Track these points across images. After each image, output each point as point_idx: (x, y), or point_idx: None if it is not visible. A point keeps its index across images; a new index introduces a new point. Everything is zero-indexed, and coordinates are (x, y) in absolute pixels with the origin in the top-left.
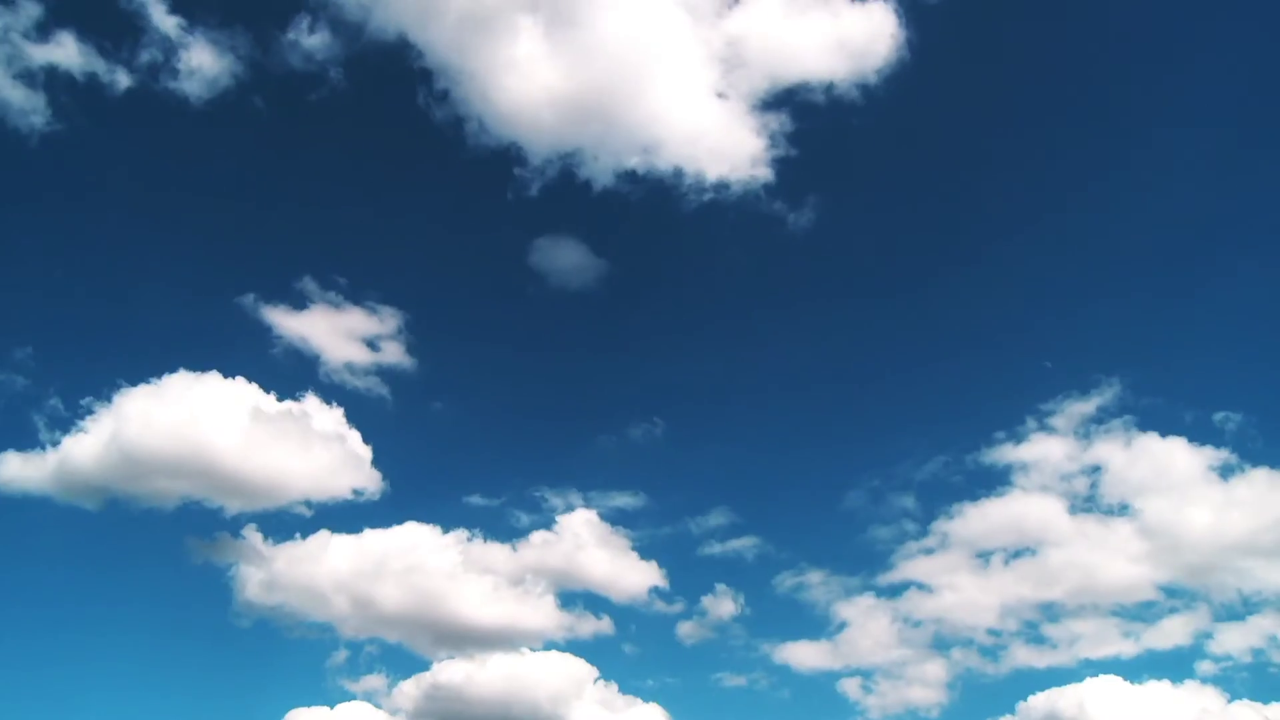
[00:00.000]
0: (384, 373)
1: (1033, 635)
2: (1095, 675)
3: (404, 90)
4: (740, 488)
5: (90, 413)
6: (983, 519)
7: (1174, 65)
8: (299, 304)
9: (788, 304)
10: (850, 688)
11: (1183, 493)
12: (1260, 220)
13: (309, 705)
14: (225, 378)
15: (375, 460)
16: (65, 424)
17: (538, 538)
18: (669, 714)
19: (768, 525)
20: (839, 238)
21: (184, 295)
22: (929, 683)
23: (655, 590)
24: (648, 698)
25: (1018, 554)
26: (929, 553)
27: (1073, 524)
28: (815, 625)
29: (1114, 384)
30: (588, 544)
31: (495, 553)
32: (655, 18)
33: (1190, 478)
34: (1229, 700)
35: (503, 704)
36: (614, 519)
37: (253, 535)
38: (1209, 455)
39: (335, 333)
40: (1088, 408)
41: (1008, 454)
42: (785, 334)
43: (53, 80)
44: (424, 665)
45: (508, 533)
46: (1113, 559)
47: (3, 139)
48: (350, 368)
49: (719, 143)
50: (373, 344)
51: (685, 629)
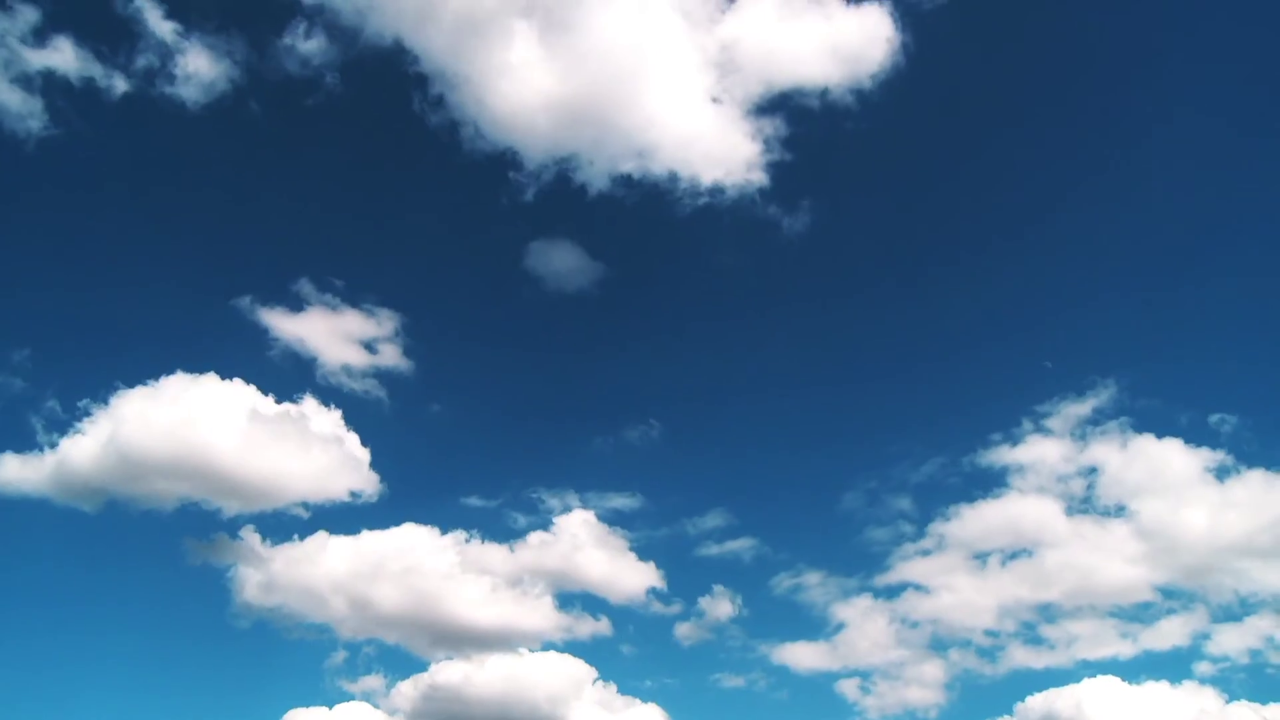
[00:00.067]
0: (381, 375)
1: (1030, 636)
2: (1093, 676)
3: (400, 95)
4: (737, 489)
5: (88, 415)
6: (979, 520)
7: (1166, 73)
8: (296, 306)
9: (783, 306)
10: (848, 688)
11: (1179, 494)
12: (1256, 222)
13: (307, 706)
14: (223, 379)
15: (373, 462)
16: (63, 426)
17: (535, 539)
18: (668, 714)
19: (765, 527)
20: (833, 241)
21: (181, 298)
22: (927, 683)
23: (653, 591)
24: (646, 698)
25: (1015, 555)
26: (926, 554)
27: (1069, 525)
28: (813, 626)
29: (1110, 386)
30: (585, 545)
31: (493, 554)
32: (650, 22)
33: (1186, 479)
34: (1227, 701)
35: (501, 704)
36: (611, 520)
37: (251, 536)
38: (1205, 457)
39: (332, 335)
40: (1084, 409)
41: (1004, 456)
42: (781, 336)
43: (50, 85)
44: (422, 666)
45: (505, 534)
46: (1110, 560)
47: (0, 143)
48: (347, 370)
49: (713, 147)
50: (370, 346)
51: (683, 630)
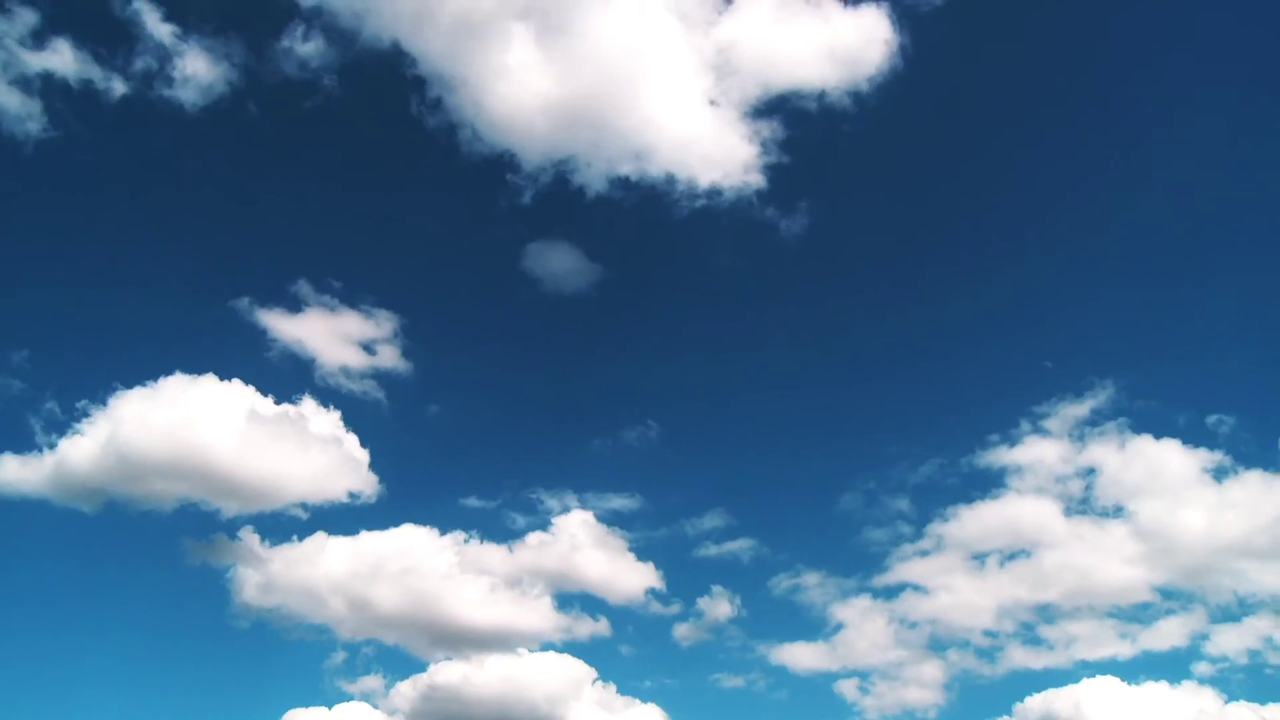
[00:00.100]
0: (380, 376)
1: (1029, 636)
2: (1092, 676)
3: (398, 97)
4: (736, 490)
5: (87, 415)
6: (978, 521)
7: (1163, 75)
8: (295, 307)
9: (781, 308)
10: (847, 689)
11: (1177, 495)
12: (1253, 223)
13: (307, 706)
14: (221, 380)
15: (372, 463)
16: (62, 427)
17: (534, 539)
18: (667, 715)
19: (763, 527)
20: (831, 243)
21: (180, 299)
22: (926, 684)
23: (652, 592)
24: (646, 698)
25: (1013, 556)
26: (924, 555)
27: (1068, 526)
28: (812, 626)
29: (1107, 386)
30: (584, 545)
31: (492, 554)
32: (647, 25)
33: (1184, 480)
34: (1226, 701)
35: (500, 705)
36: (610, 520)
37: (250, 537)
38: (1203, 457)
39: (331, 336)
40: (1081, 410)
41: (1002, 456)
42: (779, 337)
43: (49, 87)
44: (421, 666)
45: (504, 534)
46: (1108, 561)
47: None
48: (346, 371)
49: (711, 149)
50: (369, 347)
51: (682, 630)
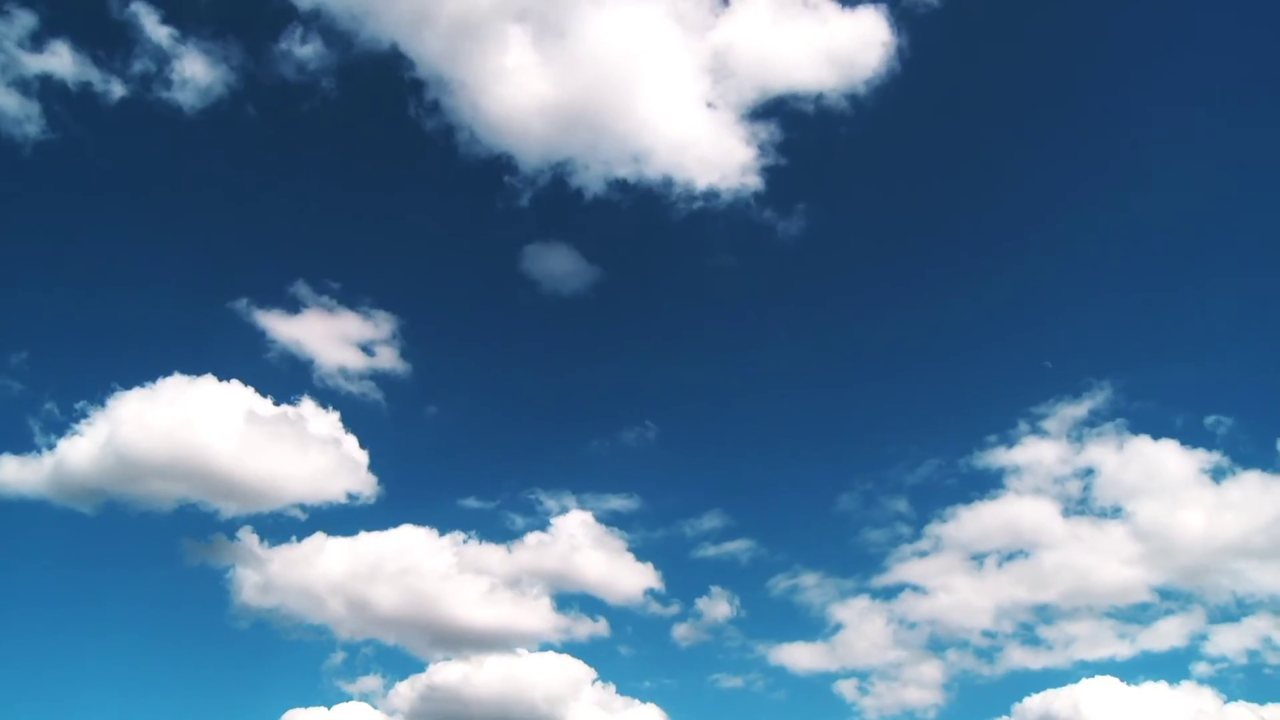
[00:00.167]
0: (378, 377)
1: (1028, 637)
2: (1091, 676)
3: (395, 99)
4: (734, 491)
5: (85, 416)
6: (976, 522)
7: (1162, 76)
8: (293, 308)
9: (779, 309)
10: (846, 689)
11: (1175, 495)
12: (1252, 224)
13: (306, 706)
14: (220, 381)
15: (370, 463)
16: (60, 427)
17: (533, 540)
18: (667, 715)
19: (762, 528)
20: (828, 245)
21: (179, 300)
22: (925, 684)
23: (650, 592)
24: (645, 699)
25: (1011, 556)
26: (923, 555)
27: (1066, 526)
28: (811, 627)
29: (1105, 387)
30: (583, 546)
31: (490, 555)
32: (645, 27)
33: (1182, 480)
34: (1225, 701)
35: (500, 705)
36: (609, 521)
37: (249, 538)
38: (1201, 458)
39: (329, 337)
40: (1080, 411)
41: (1000, 457)
42: (777, 339)
43: (47, 89)
44: (420, 667)
45: (503, 535)
46: (1106, 561)
47: None
48: (344, 372)
49: (708, 152)
50: (367, 348)
51: (681, 630)
